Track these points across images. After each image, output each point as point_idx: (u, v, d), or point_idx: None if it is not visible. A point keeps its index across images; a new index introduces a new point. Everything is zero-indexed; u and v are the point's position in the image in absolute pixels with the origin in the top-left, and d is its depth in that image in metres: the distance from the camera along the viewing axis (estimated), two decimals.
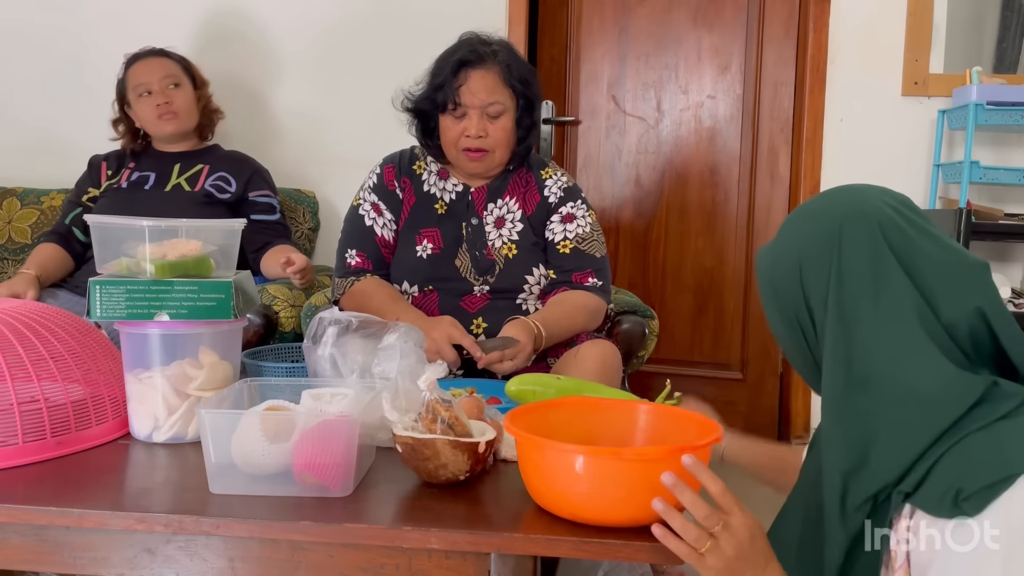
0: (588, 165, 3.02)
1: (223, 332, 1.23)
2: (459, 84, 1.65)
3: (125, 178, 2.27)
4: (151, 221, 1.20)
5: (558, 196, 1.78)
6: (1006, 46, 2.71)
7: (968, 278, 0.85)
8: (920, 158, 2.63)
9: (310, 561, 0.94)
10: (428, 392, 1.02)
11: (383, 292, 1.69)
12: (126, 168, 2.29)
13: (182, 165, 2.28)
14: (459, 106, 1.66)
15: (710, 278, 2.95)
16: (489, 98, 1.66)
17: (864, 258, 0.86)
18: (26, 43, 2.84)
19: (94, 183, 2.30)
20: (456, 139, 1.68)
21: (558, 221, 1.77)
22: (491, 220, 1.77)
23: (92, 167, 2.34)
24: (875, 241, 0.86)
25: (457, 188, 1.79)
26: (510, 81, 1.68)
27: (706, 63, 2.89)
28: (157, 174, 2.26)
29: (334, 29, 2.73)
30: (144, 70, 2.24)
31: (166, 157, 2.30)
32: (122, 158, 2.33)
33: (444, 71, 1.66)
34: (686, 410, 1.07)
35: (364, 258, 1.75)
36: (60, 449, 1.12)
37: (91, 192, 2.28)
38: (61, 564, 0.98)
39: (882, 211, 0.87)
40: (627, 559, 0.91)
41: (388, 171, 1.80)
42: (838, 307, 0.86)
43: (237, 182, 2.28)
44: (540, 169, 1.82)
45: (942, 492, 0.78)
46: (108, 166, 2.32)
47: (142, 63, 2.26)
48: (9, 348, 1.11)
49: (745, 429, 3.20)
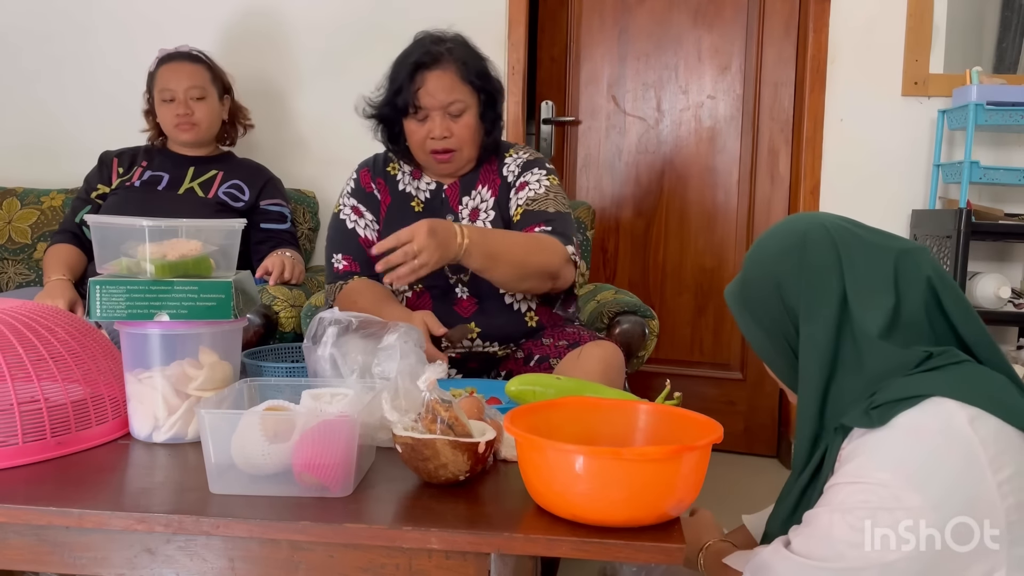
0: (588, 165, 3.02)
1: (223, 332, 1.23)
2: (417, 87, 1.64)
3: (137, 176, 2.26)
4: (151, 221, 1.20)
5: (515, 173, 1.76)
6: (1006, 46, 2.71)
7: (917, 253, 0.99)
8: (920, 158, 2.63)
9: (310, 561, 0.94)
10: (428, 392, 1.02)
11: (370, 291, 1.69)
12: (138, 166, 2.29)
13: (196, 169, 2.28)
14: (420, 109, 1.65)
15: (710, 278, 2.95)
16: (448, 97, 1.65)
17: (827, 255, 0.99)
18: (28, 42, 2.84)
19: (104, 180, 2.30)
20: (422, 142, 1.68)
21: (513, 195, 1.75)
22: (466, 214, 1.76)
23: (103, 163, 2.34)
24: (832, 242, 1.00)
25: (431, 186, 1.78)
26: (468, 78, 1.66)
27: (706, 63, 2.89)
28: (170, 176, 2.26)
29: (334, 30, 2.74)
30: (172, 75, 2.24)
31: (181, 159, 2.30)
32: (135, 156, 2.33)
33: (400, 76, 1.65)
34: (686, 410, 1.07)
35: (350, 261, 1.75)
36: (60, 449, 1.12)
37: (101, 189, 2.28)
38: (61, 564, 0.98)
39: (833, 222, 1.03)
40: (627, 559, 0.91)
41: (364, 175, 1.80)
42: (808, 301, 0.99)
43: (251, 191, 2.29)
44: (504, 152, 1.80)
45: (860, 408, 0.93)
46: (120, 163, 2.32)
47: (172, 67, 2.25)
48: (9, 348, 1.11)
49: (745, 429, 3.20)
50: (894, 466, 0.87)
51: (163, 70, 2.25)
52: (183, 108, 2.22)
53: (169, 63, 2.26)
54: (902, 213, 2.64)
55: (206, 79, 2.28)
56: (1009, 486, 0.86)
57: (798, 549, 0.91)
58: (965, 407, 0.88)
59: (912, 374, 0.93)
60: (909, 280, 0.97)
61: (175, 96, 2.22)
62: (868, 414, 0.91)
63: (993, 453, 0.86)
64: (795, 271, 1.01)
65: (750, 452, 2.96)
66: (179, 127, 2.24)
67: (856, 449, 0.91)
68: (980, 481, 0.85)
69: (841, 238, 1.00)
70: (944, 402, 0.88)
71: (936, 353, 0.94)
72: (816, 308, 0.98)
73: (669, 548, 0.88)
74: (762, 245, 1.07)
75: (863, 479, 0.88)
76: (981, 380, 0.92)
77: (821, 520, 0.90)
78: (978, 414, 0.88)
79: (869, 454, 0.89)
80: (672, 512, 0.92)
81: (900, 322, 0.96)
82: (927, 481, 0.85)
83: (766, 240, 1.07)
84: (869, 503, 0.86)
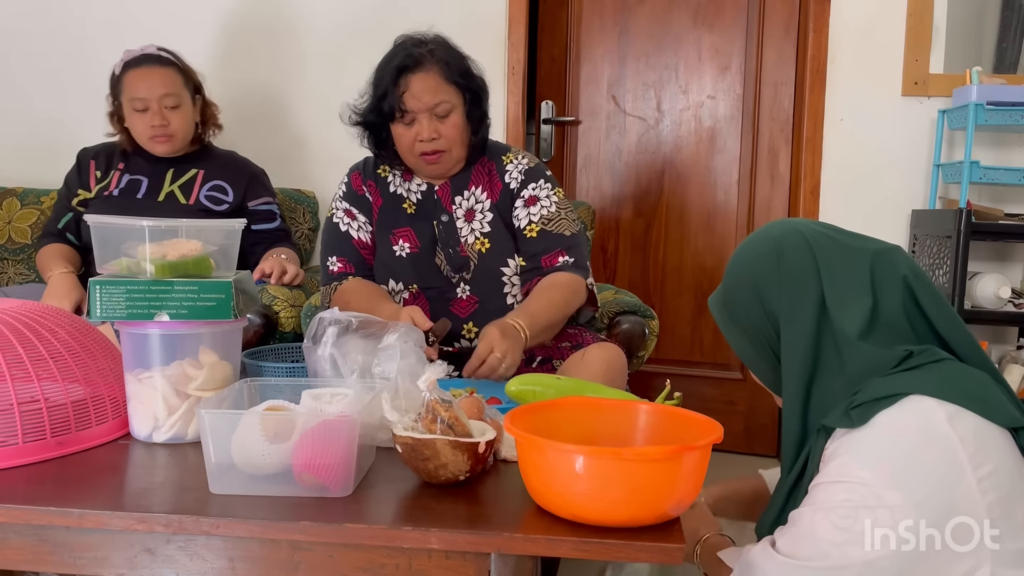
0: (588, 165, 3.02)
1: (223, 332, 1.23)
2: (401, 91, 1.64)
3: (115, 182, 2.19)
4: (151, 221, 1.20)
5: (519, 180, 1.76)
6: (1006, 46, 2.71)
7: (892, 253, 1.01)
8: (920, 158, 2.63)
9: (310, 561, 0.94)
10: (428, 392, 1.02)
11: (364, 290, 1.70)
12: (115, 170, 2.21)
13: (175, 171, 2.19)
14: (406, 113, 1.65)
15: (710, 278, 2.95)
16: (434, 99, 1.64)
17: (803, 259, 1.01)
18: (28, 42, 2.84)
19: (84, 184, 2.23)
20: (411, 145, 1.68)
21: (522, 206, 1.75)
22: (461, 214, 1.76)
23: (81, 165, 2.26)
24: (808, 246, 1.02)
25: (422, 188, 1.79)
26: (451, 78, 1.66)
27: (706, 63, 2.89)
28: (149, 181, 2.17)
29: (334, 29, 2.74)
30: (143, 83, 2.09)
31: (159, 161, 2.20)
32: (111, 156, 2.24)
33: (384, 81, 1.65)
34: (686, 410, 1.07)
35: (345, 263, 1.76)
36: (60, 449, 1.12)
37: (81, 195, 2.22)
38: (61, 564, 0.98)
39: (808, 227, 1.05)
40: (627, 559, 0.91)
41: (355, 178, 1.81)
42: (787, 305, 1.01)
43: (234, 191, 2.20)
44: (501, 155, 1.80)
45: (841, 408, 0.93)
46: (97, 165, 2.23)
47: (142, 73, 2.10)
48: (9, 348, 1.11)
49: (745, 429, 3.20)
50: (875, 464, 0.88)
51: (132, 76, 2.10)
52: (158, 119, 2.09)
53: (138, 68, 2.10)
54: (902, 213, 2.64)
55: (179, 84, 2.13)
56: (989, 482, 0.86)
57: (783, 549, 0.92)
58: (944, 404, 0.89)
59: (891, 373, 0.94)
60: (885, 280, 0.99)
61: (148, 106, 2.09)
62: (848, 414, 0.92)
63: (973, 450, 0.87)
64: (773, 277, 1.02)
65: (750, 452, 2.96)
66: (155, 139, 2.12)
67: (838, 449, 0.92)
68: (960, 478, 0.86)
69: (816, 242, 1.02)
70: (923, 400, 0.89)
71: (916, 352, 0.95)
72: (796, 312, 1.00)
73: (669, 548, 0.88)
74: (741, 253, 1.09)
75: (845, 478, 0.89)
76: (960, 377, 0.93)
77: (804, 519, 0.91)
78: (957, 411, 0.88)
79: (851, 453, 0.90)
80: (672, 512, 0.92)
81: (879, 322, 0.97)
82: (908, 479, 0.86)
83: (744, 248, 1.09)
84: (851, 501, 0.87)
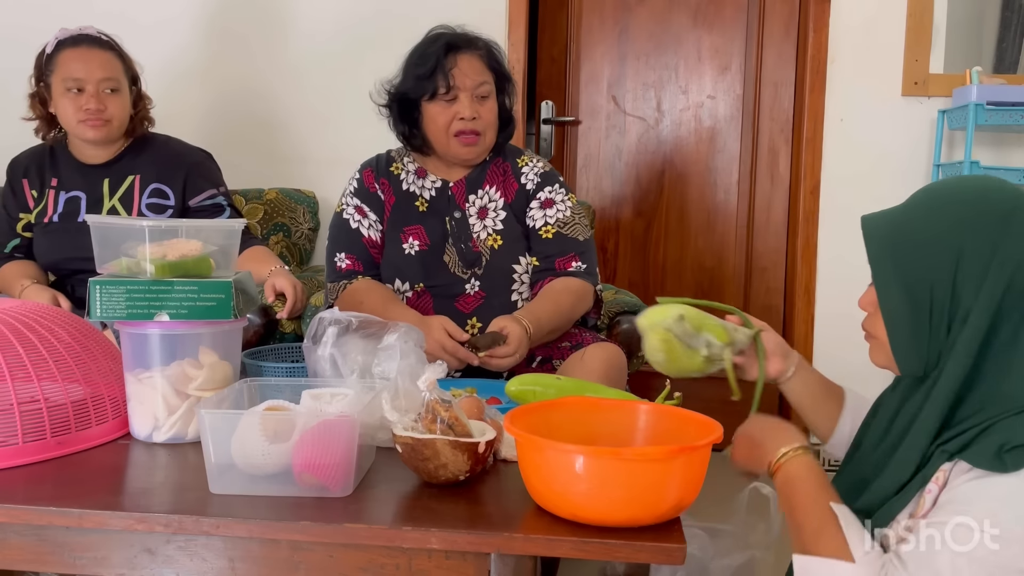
0: (588, 165, 3.02)
1: (223, 332, 1.23)
2: (451, 66, 1.67)
3: (52, 204, 1.99)
4: (151, 221, 1.20)
5: (535, 182, 1.78)
6: (1006, 46, 2.71)
7: None
8: (920, 158, 2.62)
9: (310, 561, 0.94)
10: (428, 392, 1.02)
11: (376, 293, 1.69)
12: (49, 188, 2.00)
13: (111, 180, 1.99)
14: (451, 88, 1.67)
15: (710, 278, 2.95)
16: (479, 78, 1.69)
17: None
18: (25, 42, 2.84)
19: (22, 207, 2.02)
20: (447, 124, 1.69)
21: (537, 207, 1.77)
22: (474, 211, 1.77)
23: (14, 185, 2.04)
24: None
25: (436, 184, 1.79)
26: (492, 64, 1.72)
27: (706, 63, 2.89)
28: (87, 196, 1.98)
29: (334, 30, 2.73)
30: (81, 63, 1.91)
31: (91, 172, 2.00)
32: (42, 169, 2.03)
33: (431, 57, 1.68)
34: (686, 410, 1.07)
35: (354, 260, 1.75)
36: (60, 449, 1.12)
37: (24, 218, 2.01)
38: (61, 564, 0.98)
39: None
40: (627, 559, 0.91)
41: (367, 175, 1.80)
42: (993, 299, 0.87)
43: (174, 190, 2.00)
44: (516, 157, 1.82)
45: (989, 447, 0.83)
46: (31, 184, 2.02)
47: (80, 53, 1.92)
48: (9, 348, 1.11)
49: None
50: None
51: (69, 55, 1.91)
52: (95, 102, 1.89)
53: (76, 48, 1.92)
54: None
55: (119, 70, 1.96)
56: None
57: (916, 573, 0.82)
58: None
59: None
60: None
61: (84, 87, 1.90)
62: (1002, 457, 0.81)
63: None
64: (989, 251, 0.86)
65: None
66: (88, 123, 1.91)
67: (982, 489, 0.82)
68: None
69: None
70: None
71: None
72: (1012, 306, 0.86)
73: (669, 548, 0.88)
74: (957, 202, 0.90)
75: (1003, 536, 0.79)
76: None
77: (942, 561, 0.81)
78: None
79: (1003, 502, 0.80)
80: (672, 512, 0.92)
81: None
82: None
83: (963, 197, 0.90)
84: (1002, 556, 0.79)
